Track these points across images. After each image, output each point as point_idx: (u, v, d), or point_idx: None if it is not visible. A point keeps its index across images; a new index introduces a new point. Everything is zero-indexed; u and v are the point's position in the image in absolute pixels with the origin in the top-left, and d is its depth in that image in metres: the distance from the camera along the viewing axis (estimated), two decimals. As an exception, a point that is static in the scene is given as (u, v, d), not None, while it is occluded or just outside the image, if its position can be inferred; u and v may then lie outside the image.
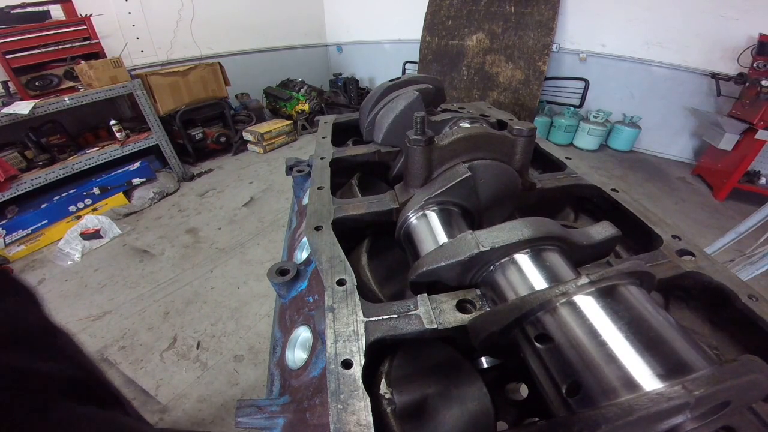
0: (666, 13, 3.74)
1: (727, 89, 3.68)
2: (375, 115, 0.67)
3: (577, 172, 0.60)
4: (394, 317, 0.35)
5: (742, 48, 3.55)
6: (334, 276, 0.39)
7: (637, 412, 0.21)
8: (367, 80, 5.30)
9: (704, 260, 0.42)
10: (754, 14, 3.44)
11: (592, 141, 4.32)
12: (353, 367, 0.30)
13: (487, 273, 0.38)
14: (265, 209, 3.05)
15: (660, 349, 0.25)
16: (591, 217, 0.62)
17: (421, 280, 0.39)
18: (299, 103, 4.56)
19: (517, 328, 0.32)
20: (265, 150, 4.08)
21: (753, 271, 1.51)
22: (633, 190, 3.61)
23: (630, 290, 0.30)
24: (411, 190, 0.48)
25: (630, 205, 0.52)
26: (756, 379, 0.22)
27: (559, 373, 0.28)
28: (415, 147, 0.44)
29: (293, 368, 0.39)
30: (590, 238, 0.40)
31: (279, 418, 0.36)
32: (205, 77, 3.64)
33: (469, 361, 0.40)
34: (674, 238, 0.45)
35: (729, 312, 0.39)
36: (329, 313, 0.35)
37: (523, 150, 0.49)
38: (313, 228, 0.46)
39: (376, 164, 0.69)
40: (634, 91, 4.17)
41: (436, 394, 0.37)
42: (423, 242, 0.45)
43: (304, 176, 0.71)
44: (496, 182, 0.48)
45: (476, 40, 3.91)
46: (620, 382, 0.25)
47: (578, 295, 0.29)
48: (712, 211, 3.41)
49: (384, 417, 0.30)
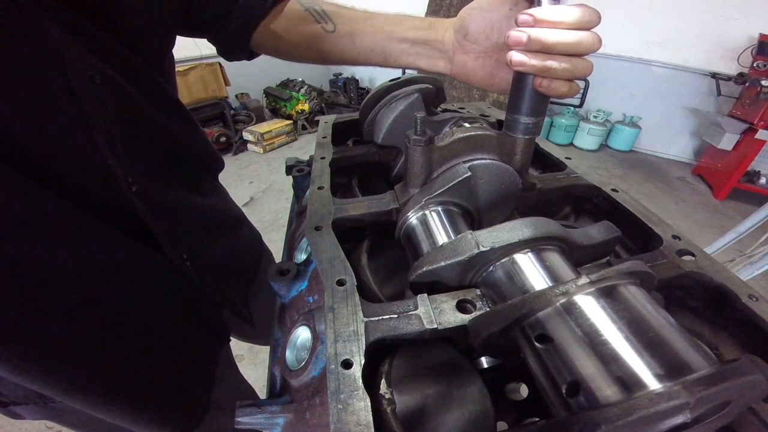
0: (666, 13, 3.74)
1: (727, 89, 3.69)
2: (375, 115, 0.67)
3: (577, 172, 0.60)
4: (394, 317, 0.35)
5: (742, 48, 3.55)
6: (334, 276, 0.39)
7: (637, 412, 0.21)
8: (367, 80, 5.31)
9: (704, 260, 0.42)
10: (754, 14, 3.44)
11: (592, 141, 4.32)
12: (353, 367, 0.30)
13: (487, 273, 0.38)
14: (265, 209, 3.05)
15: (660, 349, 0.25)
16: (591, 217, 0.62)
17: (421, 280, 0.39)
18: (299, 103, 4.56)
19: (517, 328, 0.32)
20: (265, 150, 4.08)
21: (753, 271, 1.51)
22: (633, 190, 3.61)
23: (630, 290, 0.30)
24: (411, 190, 0.48)
25: (630, 205, 0.52)
26: (756, 379, 0.22)
27: (559, 373, 0.28)
28: (415, 147, 0.44)
29: (293, 368, 0.39)
30: (590, 238, 0.40)
31: (279, 418, 0.36)
32: (205, 77, 3.64)
33: (469, 361, 0.40)
34: (674, 238, 0.45)
35: (729, 312, 0.39)
36: (329, 313, 0.35)
37: (523, 150, 0.49)
38: (313, 228, 0.46)
39: (376, 164, 0.69)
40: (634, 91, 4.18)
41: (436, 394, 0.37)
42: (423, 242, 0.45)
43: (304, 176, 0.71)
44: (496, 182, 0.49)
45: (476, 40, 3.90)
46: (620, 382, 0.25)
47: (578, 295, 0.29)
48: (712, 211, 3.41)
49: (384, 417, 0.30)
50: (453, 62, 0.56)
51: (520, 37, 0.40)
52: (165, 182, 0.55)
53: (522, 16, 0.40)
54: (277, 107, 4.76)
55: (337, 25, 0.63)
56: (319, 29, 0.64)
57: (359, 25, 0.63)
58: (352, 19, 0.64)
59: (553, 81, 0.42)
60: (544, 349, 0.29)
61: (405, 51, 0.60)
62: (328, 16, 0.64)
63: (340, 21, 0.64)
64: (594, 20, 0.39)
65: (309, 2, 0.65)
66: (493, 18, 0.48)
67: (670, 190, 3.67)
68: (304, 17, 0.64)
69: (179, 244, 0.55)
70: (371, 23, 0.62)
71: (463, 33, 0.52)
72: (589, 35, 0.40)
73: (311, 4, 0.65)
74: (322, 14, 0.64)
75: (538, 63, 0.40)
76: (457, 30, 0.53)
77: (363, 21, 0.63)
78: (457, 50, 0.54)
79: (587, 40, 0.40)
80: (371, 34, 0.62)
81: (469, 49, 0.52)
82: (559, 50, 0.40)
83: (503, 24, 0.49)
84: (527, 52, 0.41)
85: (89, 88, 0.39)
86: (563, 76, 0.42)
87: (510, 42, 0.41)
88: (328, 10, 0.64)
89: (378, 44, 0.61)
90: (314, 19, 0.64)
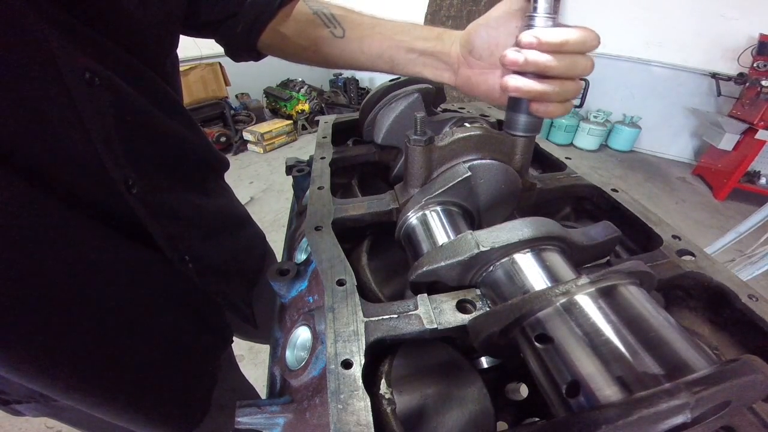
0: (666, 13, 3.74)
1: (727, 89, 3.68)
2: (375, 115, 0.67)
3: (577, 172, 0.60)
4: (394, 317, 0.35)
5: (742, 48, 3.55)
6: (334, 276, 0.39)
7: (637, 412, 0.21)
8: (367, 80, 5.30)
9: (704, 260, 0.42)
10: (754, 14, 3.44)
11: (592, 141, 4.32)
12: (353, 367, 0.30)
13: (487, 273, 0.38)
14: (265, 209, 3.06)
15: (660, 349, 0.25)
16: (591, 217, 0.62)
17: (421, 280, 0.39)
18: (299, 103, 4.56)
19: (517, 328, 0.32)
20: (265, 150, 4.08)
21: (753, 271, 1.51)
22: (633, 190, 3.61)
23: (630, 290, 0.30)
24: (411, 190, 0.49)
25: (630, 206, 0.52)
26: (756, 379, 0.22)
27: (559, 373, 0.28)
28: (415, 147, 0.44)
29: (293, 368, 0.39)
30: (590, 238, 0.40)
31: (279, 418, 0.36)
32: (205, 77, 3.64)
33: (469, 361, 0.40)
34: (674, 238, 0.45)
35: (729, 312, 0.39)
36: (329, 313, 0.35)
37: (523, 150, 0.49)
38: (313, 228, 0.46)
39: (376, 164, 0.69)
40: (634, 91, 4.18)
41: (436, 394, 0.37)
42: (423, 242, 0.45)
43: (304, 176, 0.71)
44: (496, 182, 0.49)
45: (476, 40, 3.91)
46: (620, 382, 0.25)
47: (578, 295, 0.29)
48: (712, 211, 3.41)
49: (384, 417, 0.30)
50: (458, 75, 0.56)
51: (516, 59, 0.39)
52: (167, 183, 0.55)
53: (526, 37, 0.39)
54: (277, 107, 4.76)
55: (346, 30, 0.63)
56: (328, 33, 0.63)
57: (367, 31, 0.62)
58: (361, 25, 0.63)
59: (549, 105, 0.41)
60: (544, 349, 0.29)
61: (412, 60, 0.60)
62: (337, 20, 0.63)
63: (349, 26, 0.63)
64: (595, 44, 0.39)
65: (317, 6, 0.65)
66: (499, 35, 0.48)
67: (670, 191, 3.67)
68: (313, 20, 0.63)
69: (180, 246, 0.55)
70: (379, 30, 0.62)
71: (468, 48, 0.51)
72: (584, 58, 0.40)
73: (320, 8, 0.64)
74: (331, 18, 0.63)
75: (533, 89, 0.40)
76: (463, 45, 0.53)
77: (371, 27, 0.62)
78: (462, 64, 0.54)
79: (582, 64, 0.40)
80: (379, 41, 0.61)
81: (474, 65, 0.52)
82: (553, 73, 0.39)
83: (509, 42, 0.48)
84: (522, 75, 0.40)
85: (86, 91, 0.39)
86: (557, 100, 0.42)
87: (505, 62, 0.40)
88: (337, 14, 0.64)
89: (386, 52, 0.61)
90: (323, 23, 0.63)
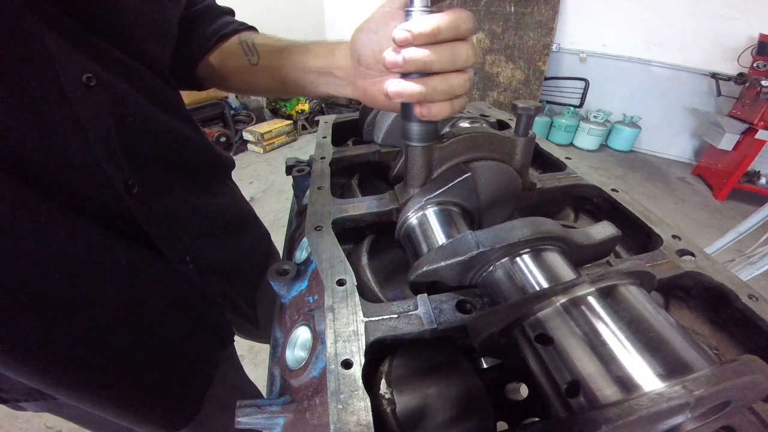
0: (666, 13, 3.73)
1: (727, 89, 3.68)
2: (375, 116, 0.67)
3: (577, 172, 0.60)
4: (394, 317, 0.35)
5: (742, 48, 3.55)
6: (334, 276, 0.39)
7: (637, 412, 0.21)
8: (367, 80, 5.30)
9: (704, 260, 0.42)
10: (754, 14, 3.44)
11: (592, 141, 4.32)
12: (353, 367, 0.30)
13: (487, 273, 0.38)
14: (265, 209, 3.05)
15: (660, 349, 0.25)
16: (591, 217, 0.62)
17: (421, 280, 0.39)
18: (299, 103, 4.56)
19: (517, 328, 0.32)
20: (265, 150, 4.07)
21: (753, 271, 1.51)
22: (633, 190, 3.61)
23: (630, 290, 0.30)
24: (411, 190, 0.48)
25: (630, 205, 0.52)
26: (756, 379, 0.22)
27: (559, 373, 0.28)
28: (414, 147, 0.44)
29: (293, 368, 0.39)
30: (590, 238, 0.40)
31: (279, 418, 0.36)
32: (205, 77, 3.62)
33: (469, 361, 0.40)
34: (674, 238, 0.45)
35: (729, 312, 0.39)
36: (329, 313, 0.35)
37: (523, 150, 0.49)
38: (313, 228, 0.46)
39: (376, 164, 0.69)
40: (634, 91, 4.17)
41: (436, 394, 0.37)
42: (423, 242, 0.45)
43: (304, 176, 0.71)
44: (497, 182, 0.49)
45: (476, 40, 3.91)
46: (620, 382, 0.25)
47: (578, 295, 0.29)
48: (712, 211, 3.41)
49: (384, 417, 0.30)
50: (356, 87, 0.52)
51: (396, 61, 0.36)
52: (169, 184, 0.55)
53: (398, 33, 0.35)
54: (277, 107, 4.76)
55: (260, 58, 0.62)
56: (246, 62, 0.62)
57: (275, 57, 0.61)
58: (273, 51, 0.61)
59: (433, 106, 0.38)
60: (544, 349, 0.29)
61: (313, 82, 0.57)
62: (255, 49, 0.62)
63: (264, 53, 0.62)
64: (469, 24, 0.36)
65: (247, 35, 0.64)
66: (381, 40, 0.43)
67: (670, 191, 3.67)
68: (235, 50, 0.63)
69: (180, 246, 0.55)
70: (285, 55, 0.59)
71: (356, 58, 0.47)
72: (464, 45, 0.37)
73: (247, 37, 0.64)
74: (252, 47, 0.62)
75: (414, 90, 0.37)
76: (351, 56, 0.49)
77: (279, 53, 0.60)
78: (357, 76, 0.50)
79: (463, 52, 0.37)
80: (284, 66, 0.59)
81: (366, 74, 0.48)
82: (436, 68, 0.36)
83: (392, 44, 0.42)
84: (403, 77, 0.38)
85: (83, 93, 0.39)
86: (442, 98, 0.38)
87: (386, 65, 0.37)
88: (258, 42, 0.63)
89: (290, 76, 0.59)
90: (243, 52, 0.62)
